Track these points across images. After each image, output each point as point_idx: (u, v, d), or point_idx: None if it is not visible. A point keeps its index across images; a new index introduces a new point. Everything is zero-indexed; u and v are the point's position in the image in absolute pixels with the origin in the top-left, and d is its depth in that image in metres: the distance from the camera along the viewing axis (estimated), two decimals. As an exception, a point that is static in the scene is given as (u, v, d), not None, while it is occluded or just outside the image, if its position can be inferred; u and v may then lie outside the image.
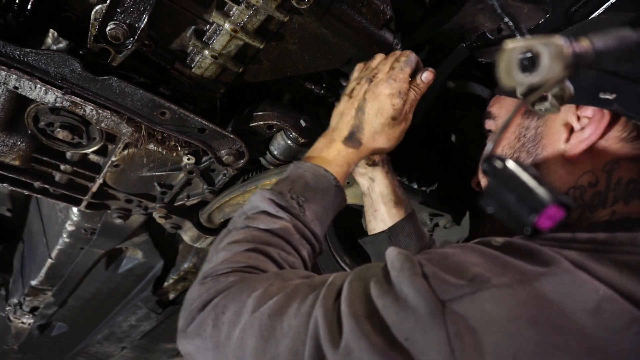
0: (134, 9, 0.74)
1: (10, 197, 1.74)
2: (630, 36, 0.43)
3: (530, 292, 0.43)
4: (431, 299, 0.45)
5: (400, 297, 0.47)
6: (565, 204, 0.34)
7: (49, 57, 0.78)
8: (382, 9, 0.84)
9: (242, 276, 0.64)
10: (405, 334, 0.45)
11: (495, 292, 0.44)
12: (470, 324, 0.43)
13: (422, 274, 0.48)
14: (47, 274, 1.63)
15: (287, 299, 0.56)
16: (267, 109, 1.00)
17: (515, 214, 0.36)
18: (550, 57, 0.39)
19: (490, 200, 0.38)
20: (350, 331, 0.47)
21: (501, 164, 0.39)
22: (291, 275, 0.64)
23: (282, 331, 0.53)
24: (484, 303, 0.44)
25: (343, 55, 0.91)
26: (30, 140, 0.96)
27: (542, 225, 0.34)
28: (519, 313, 0.42)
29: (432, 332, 0.43)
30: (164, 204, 1.23)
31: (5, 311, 1.97)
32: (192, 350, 0.61)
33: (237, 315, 0.57)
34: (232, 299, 0.60)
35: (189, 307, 0.64)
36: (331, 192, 0.78)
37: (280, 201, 0.73)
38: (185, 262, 1.71)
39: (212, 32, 0.81)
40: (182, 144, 0.97)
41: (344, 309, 0.50)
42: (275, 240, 0.70)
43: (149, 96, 0.86)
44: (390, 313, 0.47)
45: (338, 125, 0.84)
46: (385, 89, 0.81)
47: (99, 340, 2.24)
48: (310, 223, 0.74)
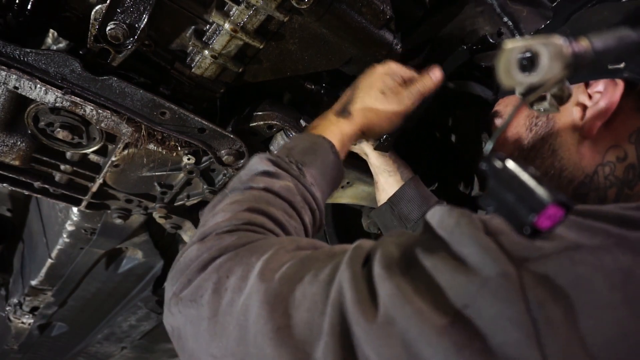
0: (134, 9, 0.74)
1: (10, 197, 1.74)
2: (629, 35, 0.43)
3: (619, 263, 0.36)
4: (501, 258, 0.37)
5: (458, 257, 0.39)
6: (565, 203, 0.34)
7: (49, 57, 0.79)
8: (382, 9, 0.84)
9: (249, 236, 0.55)
10: (464, 300, 0.36)
11: (587, 254, 0.36)
12: (558, 290, 0.35)
13: (486, 230, 0.40)
14: (47, 274, 1.63)
15: (301, 266, 0.47)
16: (267, 109, 1.00)
17: (515, 214, 0.35)
18: (549, 57, 0.39)
19: (490, 200, 0.38)
20: (390, 296, 0.38)
21: (501, 163, 0.38)
22: (306, 242, 0.55)
23: (294, 301, 0.43)
24: (574, 265, 0.36)
25: (343, 55, 0.91)
26: (30, 140, 0.96)
27: (541, 225, 0.34)
28: (623, 280, 0.35)
29: (504, 298, 0.35)
30: (164, 204, 1.23)
31: (5, 311, 1.97)
32: (181, 322, 0.51)
33: (244, 279, 0.48)
34: (239, 261, 0.51)
35: (185, 268, 0.54)
36: (329, 157, 0.73)
37: (280, 162, 0.68)
38: (185, 262, 1.71)
39: (212, 32, 0.81)
40: (182, 144, 0.97)
41: (378, 270, 0.41)
42: (278, 201, 0.63)
43: (149, 96, 0.86)
44: (444, 274, 0.38)
45: (336, 104, 0.83)
46: (380, 68, 0.82)
47: (99, 340, 2.24)
48: (310, 186, 0.68)
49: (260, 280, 0.46)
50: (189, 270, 0.53)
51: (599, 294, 0.35)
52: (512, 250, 0.37)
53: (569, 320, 0.34)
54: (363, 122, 0.79)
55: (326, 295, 0.42)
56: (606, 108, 0.58)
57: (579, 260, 0.36)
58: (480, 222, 0.41)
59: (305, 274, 0.45)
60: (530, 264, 0.36)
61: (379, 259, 0.42)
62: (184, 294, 0.51)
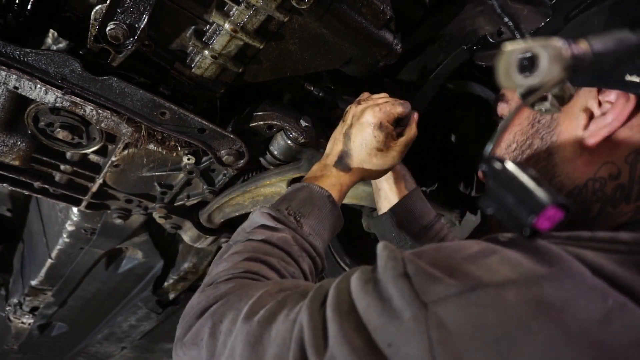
0: (134, 9, 0.74)
1: (10, 197, 1.74)
2: (629, 38, 0.43)
3: (525, 295, 0.38)
4: (413, 301, 0.41)
5: (384, 298, 0.43)
6: (565, 205, 0.34)
7: (49, 57, 0.79)
8: (382, 9, 0.84)
9: (242, 282, 0.63)
10: (388, 340, 0.41)
11: (482, 293, 0.39)
12: (453, 330, 0.38)
13: (405, 273, 0.44)
14: (47, 274, 1.63)
15: (278, 307, 0.54)
16: (267, 109, 1.00)
17: (514, 215, 0.36)
18: (549, 59, 0.39)
19: (489, 201, 0.38)
20: (334, 337, 0.44)
21: (500, 165, 0.39)
22: (290, 284, 0.62)
23: (269, 338, 0.51)
24: (469, 306, 0.39)
25: (343, 56, 0.91)
26: (30, 140, 0.96)
27: (540, 226, 0.34)
28: (508, 318, 0.38)
29: (414, 339, 0.39)
30: (164, 204, 1.23)
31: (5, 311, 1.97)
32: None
33: (233, 323, 0.55)
34: (230, 306, 0.58)
35: (187, 315, 0.63)
36: (326, 207, 0.80)
37: (278, 215, 0.76)
38: (185, 262, 1.71)
39: (212, 32, 0.81)
40: (182, 144, 0.97)
41: (329, 312, 0.47)
42: (275, 251, 0.70)
43: (149, 96, 0.86)
44: (373, 315, 0.43)
45: (331, 150, 0.89)
46: (369, 116, 0.86)
47: (99, 340, 2.24)
48: (308, 236, 0.75)
49: (243, 323, 0.54)
50: (189, 317, 0.62)
51: (485, 331, 0.38)
52: (422, 293, 0.41)
53: (458, 357, 0.37)
54: (361, 175, 0.88)
55: (291, 332, 0.49)
56: (612, 122, 0.57)
57: (474, 301, 0.39)
58: (401, 263, 0.45)
59: (280, 314, 0.52)
60: (436, 305, 0.40)
61: (330, 301, 0.48)
62: (186, 339, 0.60)
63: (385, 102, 0.88)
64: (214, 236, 1.40)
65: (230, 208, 1.25)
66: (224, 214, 1.29)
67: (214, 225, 1.38)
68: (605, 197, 0.57)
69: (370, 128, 0.85)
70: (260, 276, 0.65)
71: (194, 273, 1.75)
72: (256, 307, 0.55)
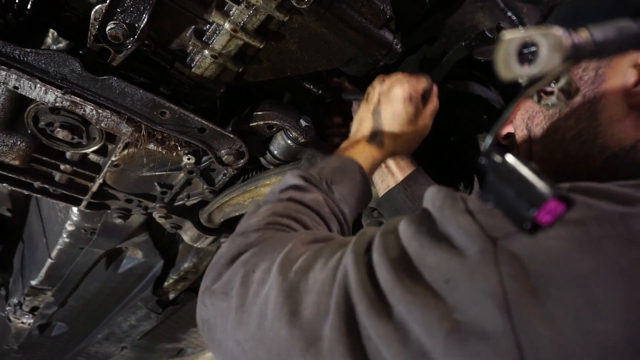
0: (133, 9, 0.74)
1: (10, 197, 1.74)
2: (630, 27, 0.42)
3: (609, 231, 0.36)
4: (479, 236, 0.39)
5: (442, 237, 0.41)
6: (566, 198, 0.34)
7: (48, 57, 0.78)
8: (382, 8, 0.84)
9: (274, 233, 0.60)
10: (446, 276, 0.39)
11: (562, 229, 0.36)
12: (529, 264, 0.36)
13: (467, 209, 0.42)
14: (47, 274, 1.63)
15: (315, 256, 0.51)
16: (267, 109, 1.00)
17: (515, 209, 0.35)
18: (548, 47, 0.38)
19: (489, 195, 0.37)
20: (385, 280, 0.41)
21: (500, 158, 0.38)
22: (324, 235, 0.59)
23: (306, 287, 0.47)
24: (547, 240, 0.36)
25: (343, 55, 0.91)
26: (30, 140, 0.96)
27: (541, 220, 0.33)
28: (594, 254, 0.35)
29: (480, 273, 0.37)
30: (164, 204, 1.23)
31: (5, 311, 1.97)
32: (212, 314, 0.55)
33: (267, 272, 0.52)
34: (263, 256, 0.55)
35: (216, 263, 0.59)
36: (357, 178, 0.78)
37: (310, 178, 0.73)
38: (186, 262, 1.71)
39: (212, 31, 0.81)
40: (182, 143, 0.97)
41: (376, 257, 0.44)
42: (307, 211, 0.68)
43: (149, 96, 0.86)
44: (429, 253, 0.41)
45: (359, 129, 0.88)
46: (397, 91, 0.85)
47: (99, 340, 2.24)
48: (339, 202, 0.73)
49: (279, 273, 0.50)
50: (218, 264, 0.59)
51: (568, 267, 0.36)
52: (488, 228, 0.39)
53: (537, 294, 0.35)
54: (394, 148, 0.87)
55: (333, 278, 0.46)
56: None
57: (553, 235, 0.37)
58: (462, 201, 0.43)
59: (317, 263, 0.49)
60: (505, 240, 0.38)
61: (377, 246, 0.45)
62: (216, 287, 0.56)
63: (409, 77, 0.87)
64: (214, 236, 1.40)
65: (230, 208, 1.25)
66: (224, 214, 1.29)
67: (214, 225, 1.38)
68: None
69: (400, 102, 0.84)
70: (292, 229, 0.63)
71: (194, 273, 1.75)
72: (291, 256, 0.53)
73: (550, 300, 0.35)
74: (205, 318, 0.57)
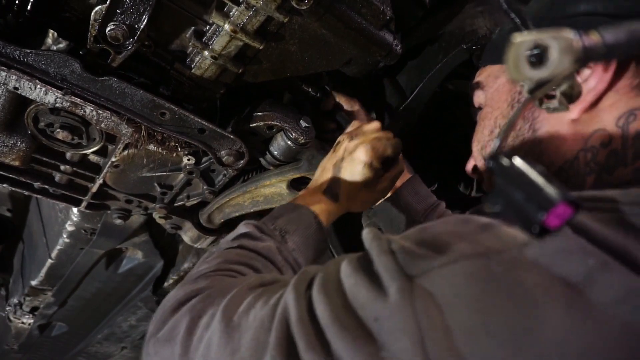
0: (133, 10, 0.74)
1: (10, 197, 1.74)
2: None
3: (507, 263, 0.38)
4: (399, 275, 0.41)
5: (373, 275, 0.44)
6: (575, 202, 0.33)
7: (49, 57, 0.78)
8: (382, 9, 0.84)
9: (223, 279, 0.61)
10: (374, 314, 0.41)
11: (466, 263, 0.39)
12: (438, 301, 0.38)
13: (389, 250, 0.44)
14: (47, 274, 1.63)
15: (257, 296, 0.53)
16: (267, 109, 1.00)
17: (523, 213, 0.35)
18: (559, 50, 0.38)
19: (497, 198, 0.37)
20: (322, 317, 0.43)
21: (508, 161, 0.37)
22: (271, 278, 0.60)
23: (247, 324, 0.49)
24: (453, 276, 0.39)
25: (343, 56, 0.91)
26: (30, 141, 0.96)
27: (550, 224, 0.33)
28: (490, 286, 0.38)
29: (400, 312, 0.39)
30: (164, 205, 1.23)
31: (5, 311, 1.97)
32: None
33: (212, 317, 0.54)
34: (210, 302, 0.56)
35: (162, 309, 0.60)
36: (312, 227, 0.80)
37: (264, 228, 0.76)
38: (185, 263, 1.71)
39: (211, 32, 0.81)
40: (182, 144, 0.97)
41: (315, 293, 0.46)
42: (259, 258, 0.70)
43: (149, 97, 0.86)
44: (361, 292, 0.43)
45: (320, 178, 0.90)
46: (360, 154, 0.86)
47: (99, 340, 2.24)
48: (292, 251, 0.75)
49: (222, 316, 0.52)
50: (163, 311, 0.59)
51: (469, 300, 0.38)
52: (406, 266, 0.42)
53: (445, 328, 0.37)
54: (348, 207, 0.89)
55: (273, 315, 0.47)
56: (596, 86, 0.52)
57: (458, 271, 0.39)
58: (386, 242, 0.46)
59: (258, 302, 0.51)
60: (421, 278, 0.41)
61: (318, 282, 0.47)
62: (160, 334, 0.57)
63: (377, 139, 0.88)
64: (214, 236, 1.40)
65: (230, 208, 1.25)
66: (223, 215, 1.29)
67: (214, 226, 1.38)
68: (599, 166, 0.54)
69: (360, 165, 0.86)
70: (242, 275, 0.64)
71: (194, 273, 1.75)
72: (236, 300, 0.54)
73: (455, 333, 0.37)
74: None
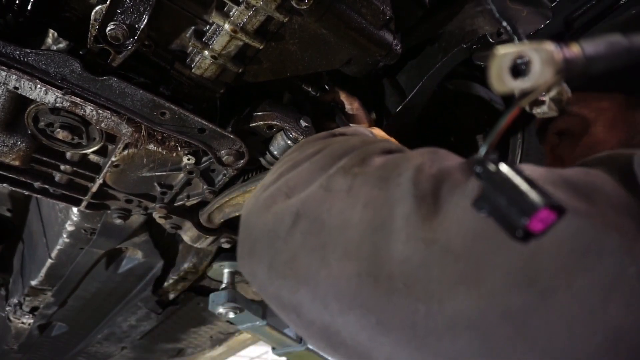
0: (133, 10, 0.74)
1: (10, 197, 1.74)
2: (620, 42, 0.43)
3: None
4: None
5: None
6: (558, 207, 0.34)
7: (49, 57, 0.78)
8: (381, 9, 0.84)
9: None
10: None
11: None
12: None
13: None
14: (47, 274, 1.63)
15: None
16: (267, 109, 1.00)
17: (507, 217, 0.36)
18: (541, 62, 0.39)
19: (483, 203, 0.38)
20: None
21: (494, 167, 0.39)
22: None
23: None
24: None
25: (343, 56, 0.91)
26: (30, 141, 0.96)
27: (533, 228, 0.34)
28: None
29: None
30: (163, 204, 1.23)
31: (5, 311, 1.97)
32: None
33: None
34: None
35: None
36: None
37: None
38: (185, 262, 1.71)
39: (211, 32, 0.81)
40: (182, 144, 0.97)
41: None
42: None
43: (149, 96, 0.86)
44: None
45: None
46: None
47: (99, 340, 2.24)
48: None
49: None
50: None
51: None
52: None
53: None
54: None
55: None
56: None
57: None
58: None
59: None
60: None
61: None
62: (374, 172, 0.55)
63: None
64: (214, 236, 1.40)
65: (230, 208, 1.25)
66: (224, 214, 1.29)
67: (214, 226, 1.38)
68: None
69: None
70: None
71: (194, 273, 1.75)
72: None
73: None
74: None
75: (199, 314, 2.07)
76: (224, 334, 2.37)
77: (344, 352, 0.46)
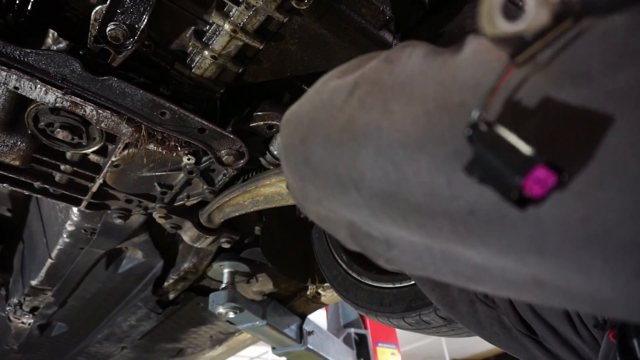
0: (134, 10, 0.74)
1: (10, 197, 1.74)
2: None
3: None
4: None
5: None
6: (557, 166, 0.30)
7: (49, 57, 0.79)
8: (381, 9, 0.84)
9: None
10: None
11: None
12: None
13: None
14: (47, 274, 1.63)
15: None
16: (267, 109, 1.00)
17: (500, 179, 0.32)
18: (536, 2, 0.36)
19: (474, 166, 0.34)
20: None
21: (486, 127, 0.35)
22: None
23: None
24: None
25: (342, 56, 0.91)
26: (30, 141, 0.96)
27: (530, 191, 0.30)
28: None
29: None
30: (164, 204, 1.23)
31: (5, 311, 1.97)
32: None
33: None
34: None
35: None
36: None
37: None
38: (185, 262, 1.71)
39: (211, 32, 0.82)
40: (182, 144, 0.97)
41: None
42: None
43: (149, 96, 0.86)
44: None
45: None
46: None
47: (99, 340, 2.24)
48: None
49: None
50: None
51: None
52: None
53: None
54: None
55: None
56: None
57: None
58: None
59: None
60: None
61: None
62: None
63: None
64: (214, 236, 1.40)
65: (230, 208, 1.25)
66: (223, 214, 1.29)
67: (214, 225, 1.38)
68: None
69: None
70: None
71: (194, 273, 1.75)
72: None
73: None
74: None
75: (199, 314, 2.07)
76: (224, 334, 2.37)
77: (415, 219, 0.41)
